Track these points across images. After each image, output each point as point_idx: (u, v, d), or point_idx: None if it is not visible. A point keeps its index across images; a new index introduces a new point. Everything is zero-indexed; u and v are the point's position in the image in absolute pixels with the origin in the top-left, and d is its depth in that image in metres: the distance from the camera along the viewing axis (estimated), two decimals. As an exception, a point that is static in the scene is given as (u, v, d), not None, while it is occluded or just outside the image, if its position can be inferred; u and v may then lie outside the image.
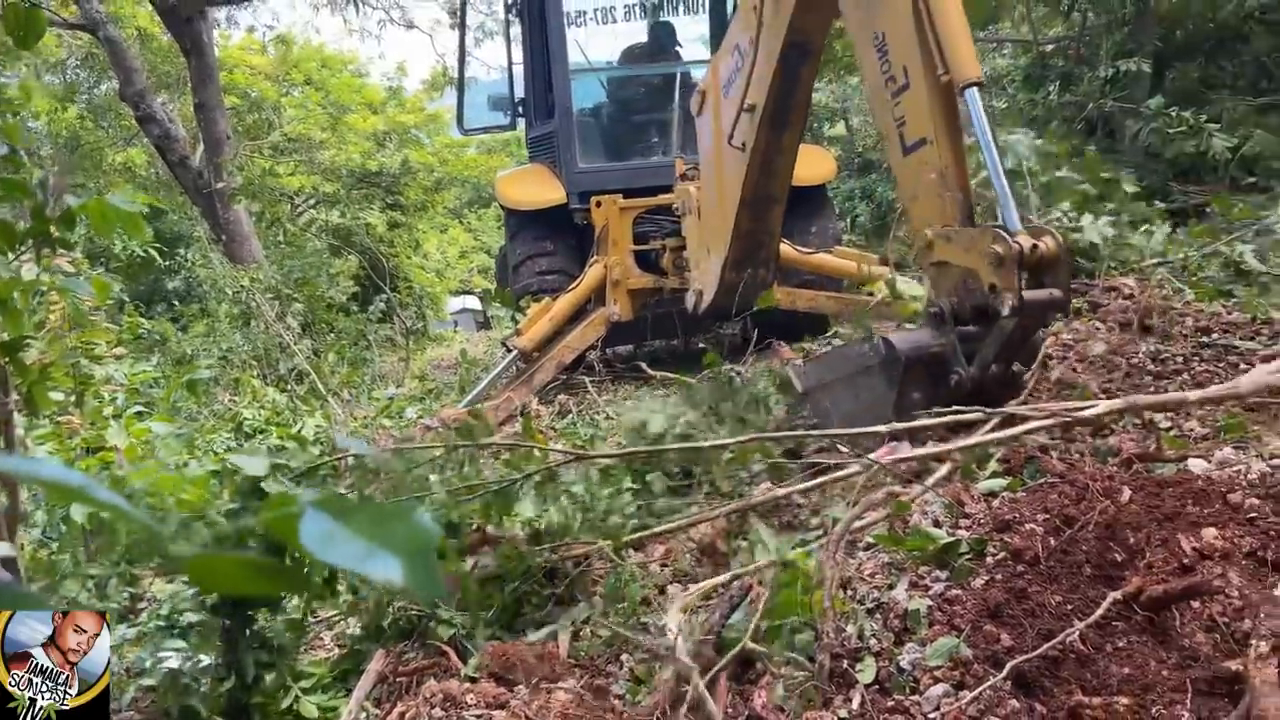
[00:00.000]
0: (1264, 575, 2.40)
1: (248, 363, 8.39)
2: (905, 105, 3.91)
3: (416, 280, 19.38)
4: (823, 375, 4.22)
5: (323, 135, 17.79)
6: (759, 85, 5.03)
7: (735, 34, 5.35)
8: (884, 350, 3.79)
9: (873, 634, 2.48)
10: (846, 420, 3.86)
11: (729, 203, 5.71)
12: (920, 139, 3.86)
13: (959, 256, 3.68)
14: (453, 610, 3.25)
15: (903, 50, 3.88)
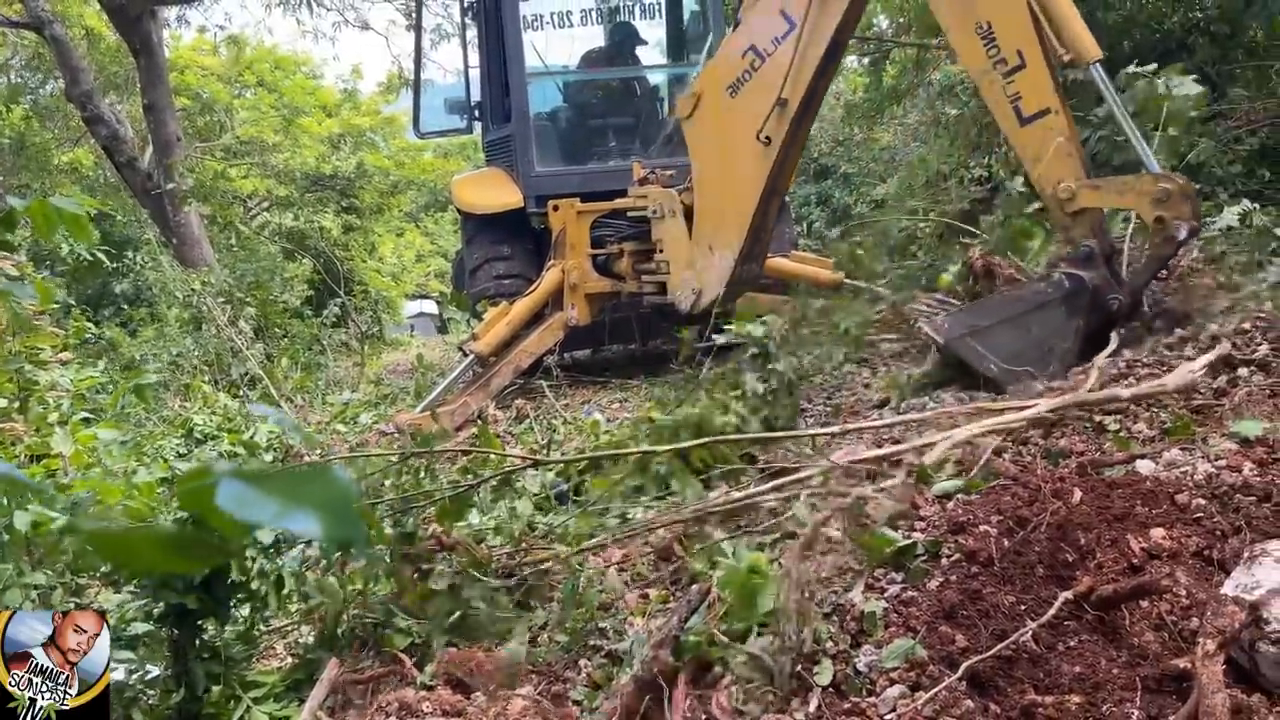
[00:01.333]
0: (1210, 574, 2.45)
1: (198, 368, 8.24)
2: (1020, 83, 4.56)
3: (372, 284, 19.19)
4: (974, 322, 4.60)
5: (276, 138, 17.56)
6: (796, 82, 5.47)
7: (747, 37, 5.70)
8: (1070, 283, 4.41)
9: (829, 636, 2.49)
10: (1011, 358, 4.39)
11: (744, 198, 5.98)
12: (1043, 109, 4.54)
13: (1113, 200, 4.54)
14: (409, 619, 3.22)
15: (1017, 35, 4.54)
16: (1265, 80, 8.69)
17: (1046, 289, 4.51)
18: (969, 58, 4.80)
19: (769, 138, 5.67)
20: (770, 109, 5.59)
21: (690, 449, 3.90)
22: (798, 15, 5.37)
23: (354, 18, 18.07)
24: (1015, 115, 4.62)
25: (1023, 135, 4.63)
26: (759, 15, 5.66)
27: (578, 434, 5.50)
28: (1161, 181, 4.29)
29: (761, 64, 5.62)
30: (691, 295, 6.45)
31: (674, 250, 6.67)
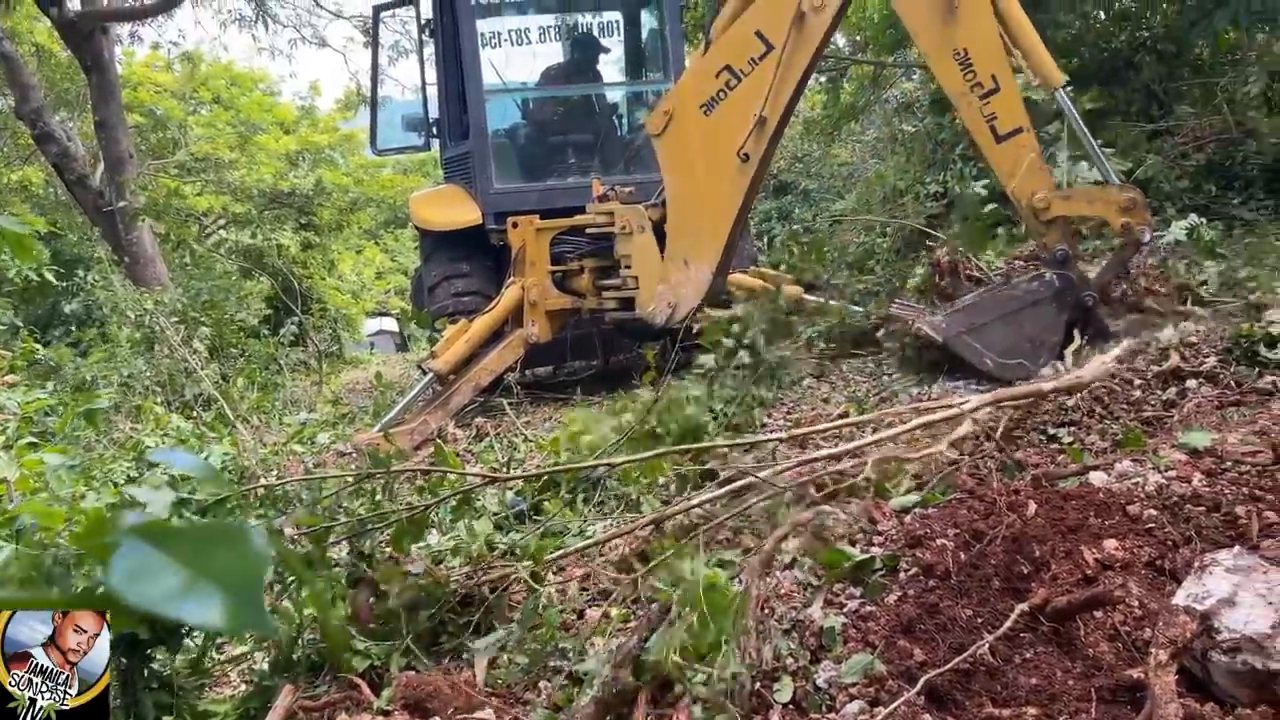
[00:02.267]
0: (1162, 584, 2.48)
1: (150, 389, 8.08)
2: (995, 104, 5.04)
3: (331, 302, 19.00)
4: (971, 320, 4.94)
5: (232, 155, 17.36)
6: (776, 101, 5.72)
7: (722, 58, 5.87)
8: (1059, 282, 4.86)
9: (789, 653, 2.49)
10: (1005, 353, 4.79)
11: (723, 213, 6.13)
12: (1016, 128, 5.04)
13: (1082, 209, 5.04)
14: (366, 641, 3.17)
15: (991, 62, 5.04)
16: (1211, 97, 8.91)
17: (1038, 288, 4.88)
18: (948, 81, 5.19)
19: (748, 154, 5.86)
20: (748, 127, 5.78)
21: (651, 459, 3.89)
22: (775, 38, 5.63)
23: (310, 35, 17.98)
24: (991, 133, 5.06)
25: (998, 152, 5.07)
26: (734, 36, 5.86)
27: (539, 452, 5.46)
28: (1126, 192, 4.89)
29: (737, 83, 5.82)
30: (667, 309, 6.47)
31: (643, 266, 6.68)
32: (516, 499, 4.24)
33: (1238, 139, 8.44)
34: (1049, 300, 4.84)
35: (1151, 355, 4.26)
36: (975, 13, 5.08)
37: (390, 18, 13.01)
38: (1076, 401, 3.92)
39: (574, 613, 3.22)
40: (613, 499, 4.11)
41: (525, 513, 4.15)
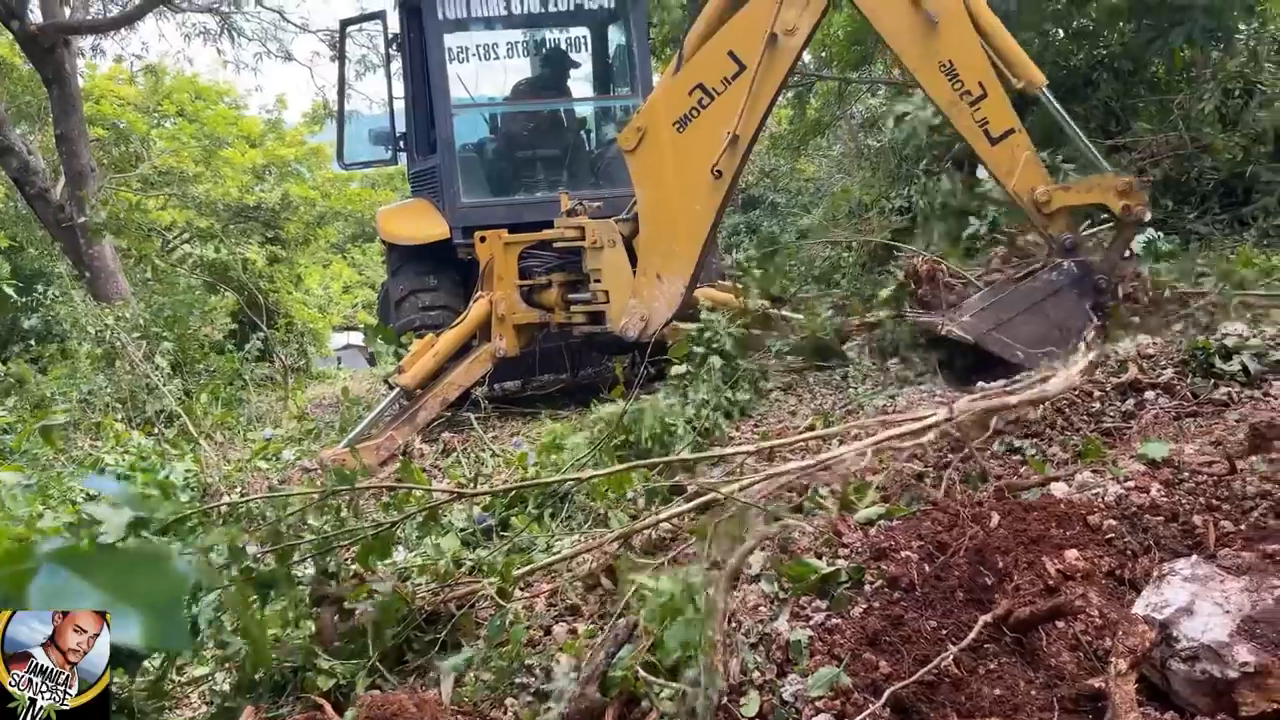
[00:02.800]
0: (1122, 594, 2.52)
1: (111, 405, 7.96)
2: (985, 109, 5.27)
3: (298, 316, 18.81)
4: (998, 317, 5.09)
5: (196, 168, 17.18)
6: (749, 119, 5.88)
7: (695, 76, 5.99)
8: (1077, 269, 5.11)
9: (756, 667, 2.49)
10: (1035, 343, 4.93)
11: (697, 228, 6.25)
12: (1008, 129, 5.28)
13: (1082, 197, 5.27)
14: (331, 660, 3.13)
15: (975, 70, 5.28)
16: (1167, 114, 9.08)
17: (1058, 277, 5.10)
18: (937, 93, 5.40)
19: (721, 171, 5.99)
20: (721, 144, 5.89)
21: (619, 472, 3.89)
22: (748, 58, 5.77)
23: (276, 49, 17.85)
24: (985, 137, 5.30)
25: (994, 154, 5.32)
26: (707, 55, 5.98)
27: (506, 467, 5.44)
28: (1120, 177, 5.23)
29: (710, 101, 5.94)
30: (640, 323, 6.49)
31: (614, 280, 6.70)
32: (484, 514, 4.21)
33: (1193, 155, 8.62)
34: (1069, 287, 5.07)
35: (1111, 367, 4.32)
36: (956, 24, 5.31)
37: (357, 32, 12.96)
38: (1039, 413, 3.97)
39: (541, 629, 3.20)
40: (580, 513, 4.10)
41: (493, 528, 4.13)
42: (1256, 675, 2.07)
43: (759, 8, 5.81)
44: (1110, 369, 4.31)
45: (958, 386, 5.14)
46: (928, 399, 4.99)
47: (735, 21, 5.91)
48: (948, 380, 5.35)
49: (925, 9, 5.29)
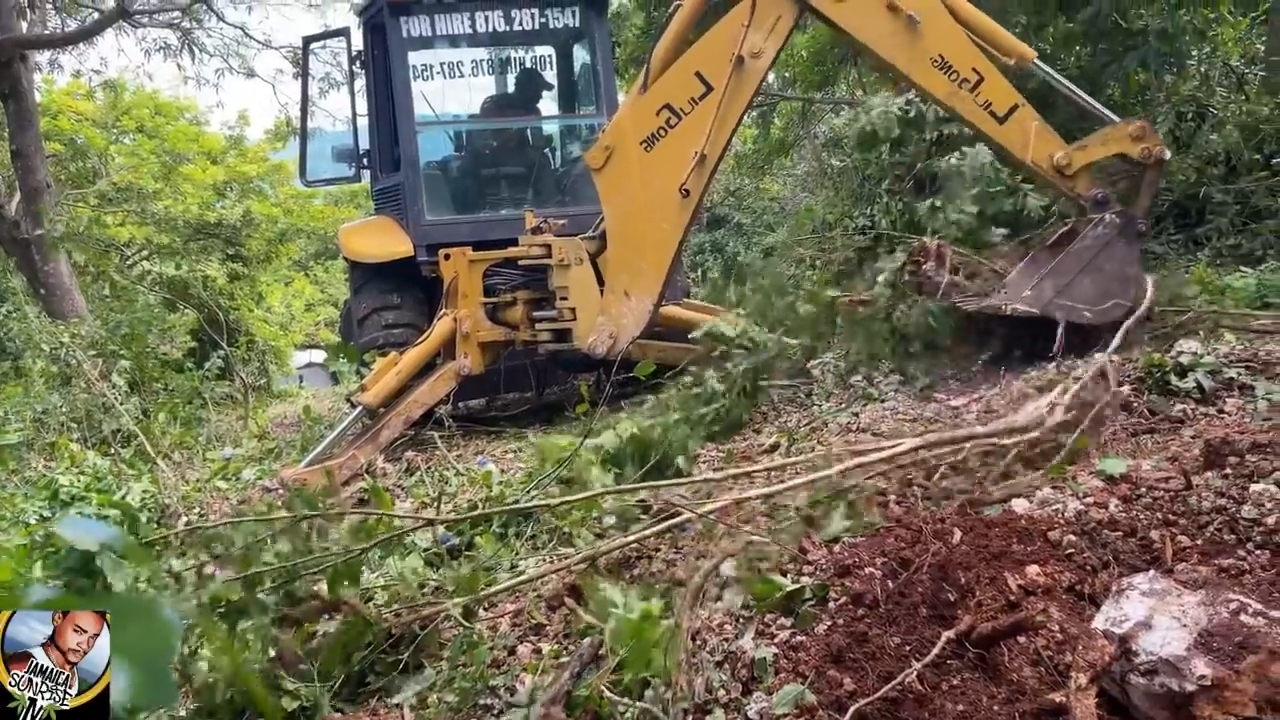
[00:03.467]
0: (1082, 609, 2.54)
1: (66, 424, 7.81)
2: (986, 92, 5.42)
3: (259, 334, 18.60)
4: (1056, 283, 5.18)
5: (155, 184, 16.97)
6: (716, 139, 5.97)
7: (662, 96, 6.03)
8: (1120, 218, 5.25)
9: (721, 685, 2.49)
10: (1099, 299, 5.10)
11: (664, 246, 6.29)
12: (1011, 106, 5.43)
13: (1100, 151, 5.43)
14: (295, 683, 3.08)
15: (967, 58, 5.44)
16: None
17: (1104, 231, 5.22)
18: (935, 87, 5.53)
19: (689, 190, 6.03)
20: (689, 163, 5.95)
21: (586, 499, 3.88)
22: (715, 79, 5.85)
23: (239, 65, 17.70)
24: (993, 118, 5.43)
25: (1005, 132, 5.45)
26: (674, 75, 6.03)
27: (470, 486, 5.40)
28: (1132, 123, 5.42)
29: (678, 121, 5.99)
30: (608, 340, 6.48)
31: (581, 297, 6.69)
32: (448, 534, 4.18)
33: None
34: (1117, 237, 5.20)
35: (1070, 385, 4.38)
36: (938, 19, 5.48)
37: (321, 49, 12.92)
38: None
39: (505, 649, 3.18)
40: (545, 533, 4.08)
41: (458, 548, 4.10)
42: (1214, 688, 2.10)
43: (725, 30, 5.86)
44: (1069, 387, 4.37)
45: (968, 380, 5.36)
46: (890, 417, 5.03)
47: (703, 43, 5.96)
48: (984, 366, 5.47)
49: (905, 12, 5.42)
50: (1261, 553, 2.68)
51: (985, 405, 4.56)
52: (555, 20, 8.43)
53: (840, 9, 5.64)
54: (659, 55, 6.16)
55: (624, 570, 3.50)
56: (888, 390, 5.73)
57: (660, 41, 6.23)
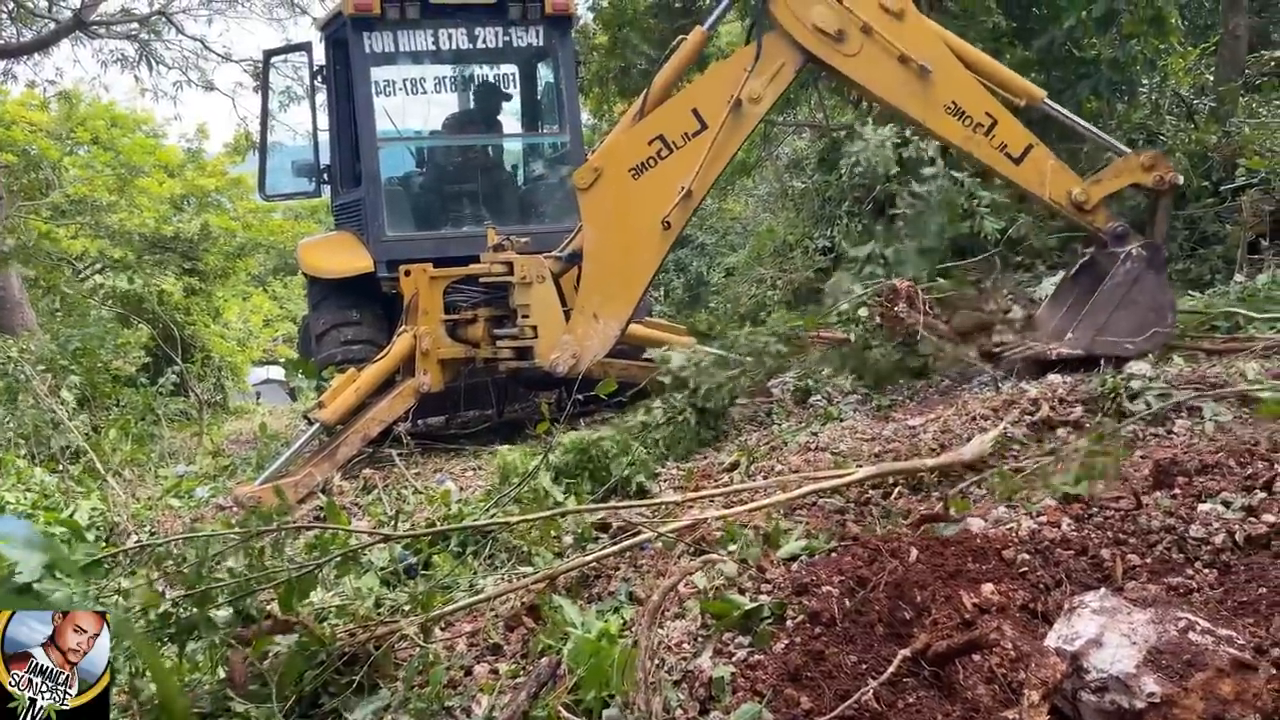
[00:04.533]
0: (1035, 626, 2.57)
1: (13, 441, 7.63)
2: (1000, 134, 5.55)
3: (216, 350, 18.35)
4: (1096, 323, 5.36)
5: (111, 197, 16.70)
6: (705, 178, 6.07)
7: (657, 127, 6.08)
8: (1147, 251, 5.44)
9: (679, 704, 2.48)
10: (1138, 332, 5.26)
11: (640, 274, 6.38)
12: (1027, 146, 5.58)
13: (1115, 184, 5.61)
14: (246, 704, 3.02)
15: (980, 103, 5.59)
16: (1076, 161, 9.45)
17: (1133, 266, 5.40)
18: (950, 134, 5.64)
19: (670, 223, 6.10)
20: (675, 197, 6.00)
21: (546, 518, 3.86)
22: (711, 118, 5.91)
23: (197, 77, 17.53)
24: (1009, 160, 5.57)
25: (1021, 172, 5.59)
26: (672, 109, 6.11)
27: (429, 504, 5.35)
28: (1142, 153, 5.63)
29: (669, 154, 6.04)
30: (571, 359, 6.48)
31: (543, 315, 6.68)
32: (405, 553, 4.13)
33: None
34: (1146, 270, 5.38)
35: (1024, 405, 4.45)
36: (948, 67, 5.61)
37: (282, 63, 12.84)
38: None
39: (462, 669, 3.14)
40: (504, 552, 4.05)
41: (415, 567, 4.05)
42: (1162, 705, 2.13)
43: (727, 71, 5.99)
44: (1023, 407, 4.44)
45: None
46: (849, 436, 5.07)
47: (704, 80, 6.10)
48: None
49: (917, 62, 5.54)
50: (1209, 571, 2.73)
51: (942, 425, 4.61)
52: (519, 38, 8.45)
53: (852, 63, 5.71)
54: (658, 85, 6.26)
55: (583, 589, 3.48)
56: (846, 409, 5.78)
57: (661, 72, 6.34)
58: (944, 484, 3.83)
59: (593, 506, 3.95)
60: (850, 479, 3.63)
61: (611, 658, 2.53)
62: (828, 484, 3.62)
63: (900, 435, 4.74)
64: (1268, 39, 11.47)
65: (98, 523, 5.57)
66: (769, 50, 5.82)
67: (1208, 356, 5.19)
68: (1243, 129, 8.74)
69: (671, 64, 6.28)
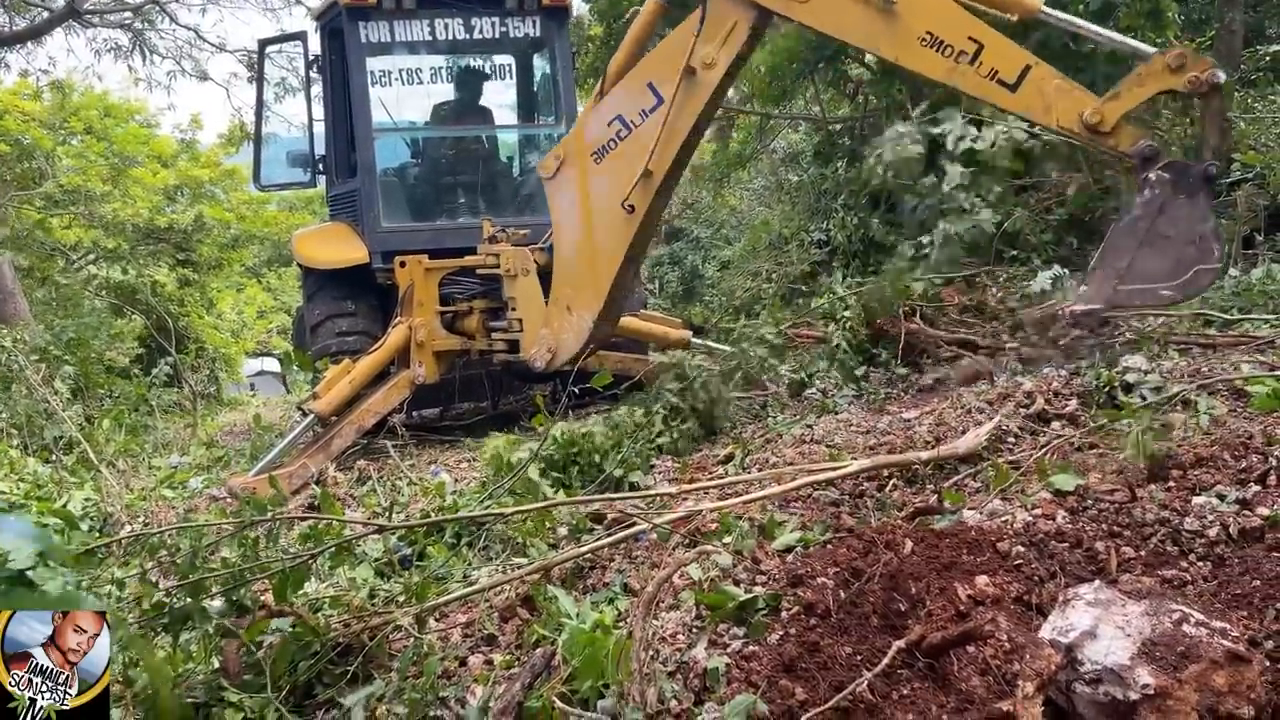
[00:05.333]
0: (1030, 618, 2.58)
1: (6, 431, 7.60)
2: (989, 59, 4.66)
3: (210, 341, 18.30)
4: (1115, 268, 4.37)
5: (104, 187, 16.63)
6: (662, 155, 5.64)
7: (615, 108, 5.81)
8: (1171, 173, 4.31)
9: (673, 695, 2.48)
10: (1174, 272, 4.26)
11: (605, 263, 6.06)
12: (1024, 68, 4.61)
13: (1137, 95, 4.46)
14: (240, 693, 3.02)
15: (960, 27, 4.71)
16: (1073, 155, 9.45)
17: (1155, 194, 4.37)
18: (931, 69, 4.88)
19: (633, 206, 5.80)
20: (635, 178, 5.72)
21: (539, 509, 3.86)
22: (666, 92, 5.54)
23: (191, 67, 17.45)
24: (1003, 88, 4.70)
25: (1020, 99, 4.69)
26: (627, 86, 5.80)
27: (423, 496, 5.34)
28: (1169, 53, 4.40)
29: (628, 134, 5.77)
30: (547, 354, 6.43)
31: (527, 309, 6.65)
32: (400, 544, 4.13)
33: (1097, 195, 8.97)
34: (1173, 195, 4.34)
35: (1019, 399, 4.45)
36: None
37: (277, 53, 12.76)
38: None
39: (456, 660, 3.14)
40: (498, 543, 4.04)
41: (409, 559, 4.05)
42: (1156, 697, 2.14)
43: (676, 39, 5.57)
44: (1019, 400, 4.44)
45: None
46: (844, 428, 5.07)
47: (656, 52, 5.72)
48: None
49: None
50: (1203, 564, 2.74)
51: (937, 418, 4.61)
52: (515, 29, 8.41)
53: (805, 10, 5.13)
54: (615, 64, 6.01)
55: (578, 580, 3.48)
56: (841, 402, 5.78)
57: (619, 50, 6.10)
58: (939, 477, 3.84)
59: (588, 498, 3.95)
60: (845, 471, 3.63)
61: (606, 648, 2.53)
62: (823, 476, 3.62)
63: (895, 428, 4.74)
64: (1263, 34, 11.47)
65: (91, 513, 5.55)
66: (715, 10, 5.34)
67: (1203, 350, 5.19)
68: (1238, 124, 8.74)
69: (626, 40, 6.01)
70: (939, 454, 3.90)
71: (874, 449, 4.41)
